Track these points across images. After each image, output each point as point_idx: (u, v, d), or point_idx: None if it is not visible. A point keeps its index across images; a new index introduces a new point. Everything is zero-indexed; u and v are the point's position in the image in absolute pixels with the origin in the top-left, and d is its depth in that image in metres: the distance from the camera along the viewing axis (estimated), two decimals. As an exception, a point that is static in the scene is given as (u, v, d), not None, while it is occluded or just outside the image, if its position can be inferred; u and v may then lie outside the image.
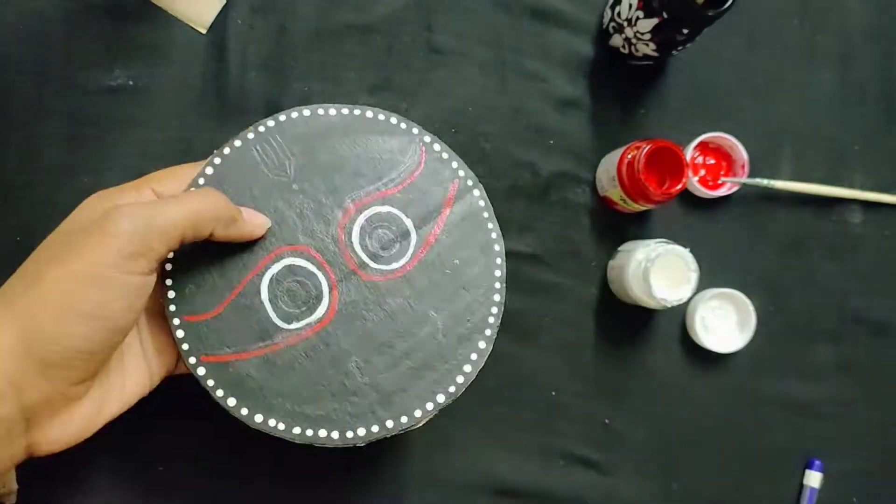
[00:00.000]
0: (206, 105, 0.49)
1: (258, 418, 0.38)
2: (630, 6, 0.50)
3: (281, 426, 0.38)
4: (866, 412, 0.58)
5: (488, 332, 0.40)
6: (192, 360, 0.37)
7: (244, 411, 0.38)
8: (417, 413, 0.38)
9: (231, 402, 0.38)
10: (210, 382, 0.37)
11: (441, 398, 0.39)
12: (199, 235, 0.35)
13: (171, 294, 0.38)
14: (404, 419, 0.38)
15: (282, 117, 0.41)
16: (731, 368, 0.57)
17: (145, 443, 0.46)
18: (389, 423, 0.38)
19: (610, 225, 0.55)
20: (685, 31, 0.49)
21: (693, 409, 0.56)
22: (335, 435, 0.38)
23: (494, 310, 0.42)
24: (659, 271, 0.50)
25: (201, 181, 0.39)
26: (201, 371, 0.37)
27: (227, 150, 0.40)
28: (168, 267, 0.38)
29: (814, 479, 0.56)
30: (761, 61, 0.59)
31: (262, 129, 0.40)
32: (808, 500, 0.56)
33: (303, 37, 0.51)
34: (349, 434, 0.38)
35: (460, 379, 0.39)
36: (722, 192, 0.56)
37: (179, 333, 0.38)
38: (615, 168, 0.51)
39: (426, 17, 0.53)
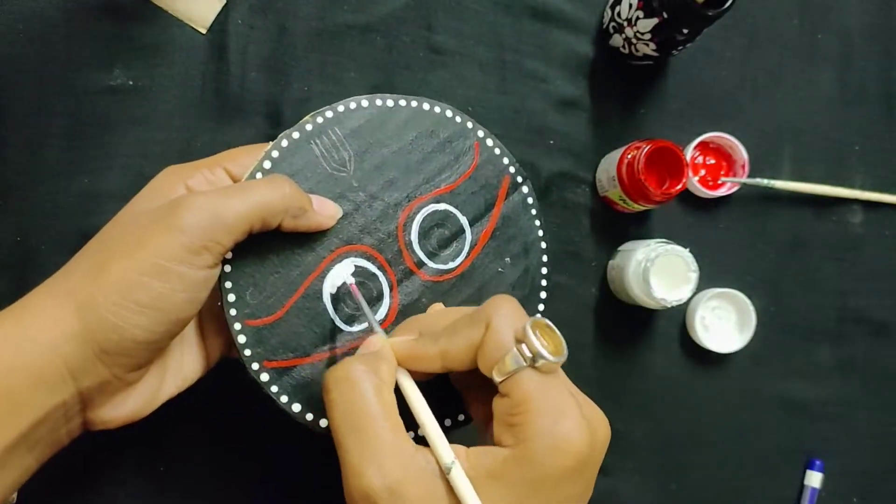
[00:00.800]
0: (206, 105, 0.49)
1: (323, 423, 0.37)
2: (630, 6, 0.50)
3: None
4: (866, 412, 0.58)
5: None
6: (255, 366, 0.36)
7: (309, 416, 0.37)
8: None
9: (296, 407, 0.37)
10: (274, 389, 0.36)
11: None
12: (267, 227, 0.34)
13: (231, 297, 0.36)
14: (461, 417, 0.38)
15: (340, 108, 0.39)
16: (731, 368, 0.57)
17: (145, 443, 0.46)
18: (447, 423, 0.38)
19: (610, 225, 0.55)
20: (685, 31, 0.49)
21: (693, 409, 0.56)
22: None
23: (541, 307, 0.42)
24: (659, 271, 0.50)
25: (259, 175, 0.37)
26: (265, 377, 0.36)
27: (284, 143, 0.38)
28: (227, 269, 0.36)
29: (814, 479, 0.56)
30: (761, 61, 0.59)
31: (320, 119, 0.38)
32: (809, 500, 0.56)
33: (303, 37, 0.51)
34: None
35: None
36: (722, 192, 0.56)
37: (241, 339, 0.36)
38: (615, 168, 0.51)
39: (426, 17, 0.53)
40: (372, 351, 0.33)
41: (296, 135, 0.38)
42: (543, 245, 0.43)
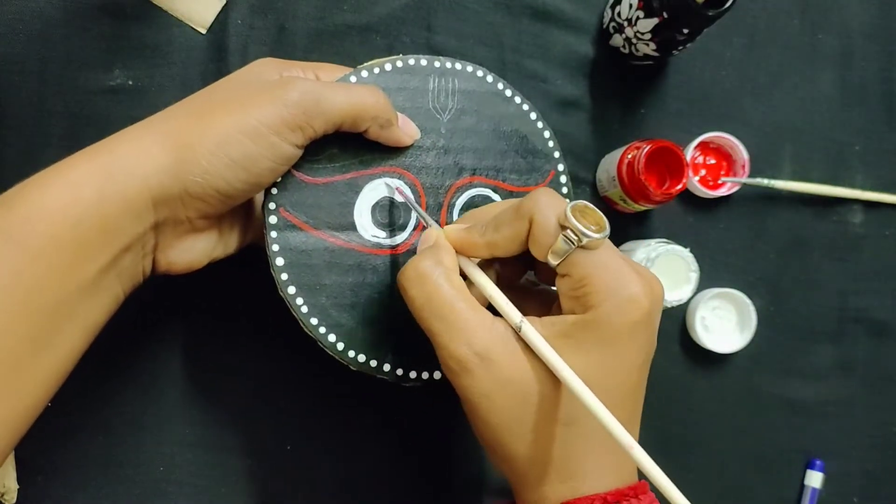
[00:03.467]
0: (206, 105, 0.49)
1: (291, 290, 0.39)
2: (630, 6, 0.50)
3: (305, 308, 0.39)
4: (866, 412, 0.58)
5: None
6: (272, 205, 0.39)
7: (284, 276, 0.39)
8: (424, 375, 0.40)
9: (279, 261, 0.39)
10: (273, 234, 0.39)
11: (437, 374, 0.40)
12: (355, 128, 0.38)
13: None
14: (400, 371, 0.40)
15: (469, 68, 0.43)
16: (731, 368, 0.56)
17: (145, 443, 0.46)
18: (386, 367, 0.40)
19: (610, 225, 0.55)
20: (685, 31, 0.49)
21: (693, 409, 0.56)
22: (340, 346, 0.39)
23: None
24: (659, 271, 0.50)
25: (377, 70, 0.41)
26: (273, 219, 0.39)
27: (411, 61, 0.42)
28: None
29: (815, 479, 0.56)
30: (761, 61, 0.59)
31: (448, 65, 0.42)
32: (810, 501, 0.56)
33: (303, 37, 0.51)
34: (350, 353, 0.39)
35: None
36: (722, 192, 0.56)
37: (278, 178, 0.38)
38: (615, 168, 0.51)
39: (426, 17, 0.53)
40: (429, 245, 0.36)
41: (423, 62, 0.42)
42: None
